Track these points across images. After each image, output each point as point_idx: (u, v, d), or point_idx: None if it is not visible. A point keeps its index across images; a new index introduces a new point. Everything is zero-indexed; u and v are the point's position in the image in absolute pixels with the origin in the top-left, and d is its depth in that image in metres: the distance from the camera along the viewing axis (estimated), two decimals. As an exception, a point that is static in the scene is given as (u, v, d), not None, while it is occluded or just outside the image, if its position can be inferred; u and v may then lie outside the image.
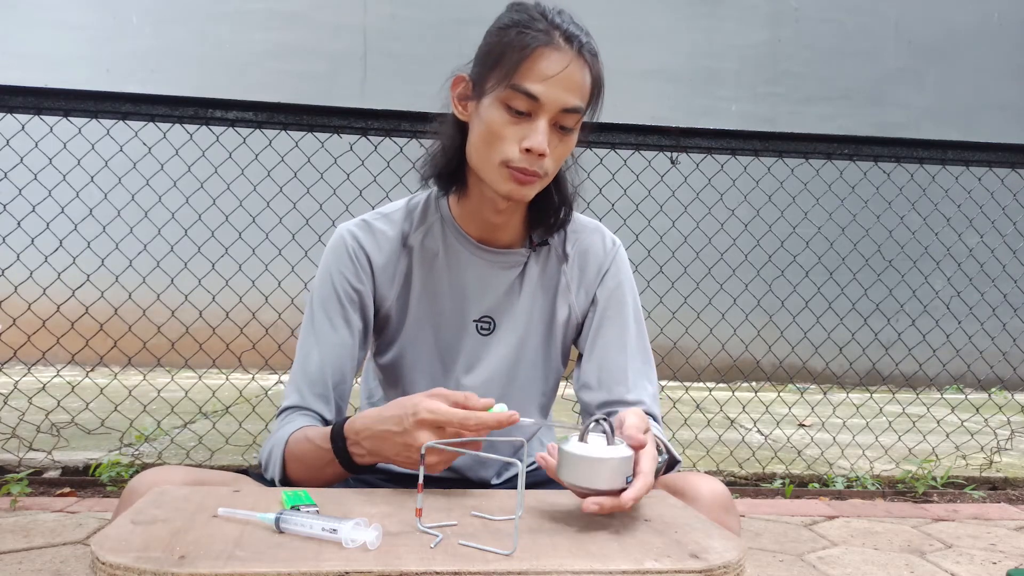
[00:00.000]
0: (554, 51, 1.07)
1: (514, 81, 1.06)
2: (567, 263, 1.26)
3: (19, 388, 2.80)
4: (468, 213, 1.21)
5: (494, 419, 0.92)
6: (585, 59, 1.09)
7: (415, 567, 0.70)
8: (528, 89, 1.06)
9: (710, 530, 0.85)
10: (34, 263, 2.70)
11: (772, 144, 2.97)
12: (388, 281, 1.22)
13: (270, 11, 6.22)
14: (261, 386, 3.44)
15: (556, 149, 1.10)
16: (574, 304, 1.26)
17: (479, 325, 1.23)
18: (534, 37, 1.07)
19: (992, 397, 3.94)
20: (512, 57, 1.07)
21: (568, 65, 1.07)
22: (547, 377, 1.28)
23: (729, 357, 4.54)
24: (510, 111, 1.08)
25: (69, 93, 2.58)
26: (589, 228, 1.29)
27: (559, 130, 1.10)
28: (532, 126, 1.08)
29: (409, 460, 0.95)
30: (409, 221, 1.24)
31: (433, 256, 1.22)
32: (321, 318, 1.19)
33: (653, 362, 1.27)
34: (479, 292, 1.22)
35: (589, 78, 1.11)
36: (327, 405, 1.17)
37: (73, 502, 2.41)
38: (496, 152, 1.09)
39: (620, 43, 6.37)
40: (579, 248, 1.27)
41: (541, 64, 1.06)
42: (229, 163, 3.01)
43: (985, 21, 6.73)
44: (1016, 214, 3.70)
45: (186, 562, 0.70)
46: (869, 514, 2.59)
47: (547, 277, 1.26)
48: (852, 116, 6.41)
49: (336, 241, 1.21)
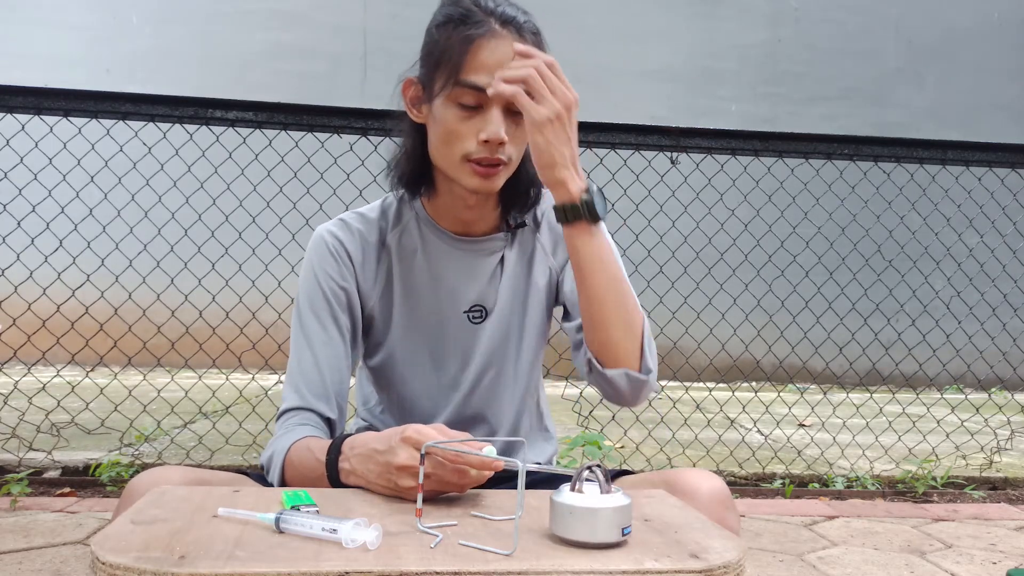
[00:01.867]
0: (492, 39, 1.07)
1: (459, 78, 1.07)
2: (539, 231, 1.27)
3: (19, 388, 2.80)
4: (441, 210, 1.22)
5: (478, 460, 0.88)
6: (526, 40, 1.09)
7: (415, 567, 0.70)
8: (474, 83, 1.07)
9: (710, 530, 0.85)
10: (34, 263, 2.70)
11: (772, 144, 2.97)
12: (370, 280, 1.22)
13: (270, 11, 6.22)
14: (261, 386, 3.44)
15: (515, 134, 1.11)
16: (552, 264, 1.27)
17: (471, 315, 1.23)
18: (471, 29, 1.07)
19: (992, 397, 3.94)
20: (453, 54, 1.08)
21: (508, 50, 1.07)
22: (538, 348, 1.29)
23: (729, 357, 4.54)
24: (462, 107, 1.08)
25: (69, 93, 2.58)
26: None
27: (514, 115, 1.10)
28: (486, 117, 1.08)
29: (388, 484, 0.93)
30: (385, 220, 1.25)
31: (412, 254, 1.23)
32: (310, 319, 1.19)
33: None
34: (465, 283, 1.23)
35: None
36: (328, 403, 1.16)
37: (73, 502, 2.41)
38: (456, 149, 1.10)
39: (620, 43, 6.37)
40: (548, 213, 1.28)
41: (481, 55, 1.06)
42: (229, 163, 3.01)
43: (985, 21, 6.73)
44: (1016, 214, 3.70)
45: (186, 562, 0.70)
46: (869, 514, 2.59)
47: (524, 251, 1.27)
48: (852, 116, 6.41)
49: (316, 241, 1.22)
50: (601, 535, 0.78)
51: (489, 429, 1.26)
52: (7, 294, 2.75)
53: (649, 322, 1.20)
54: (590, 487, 0.80)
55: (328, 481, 1.01)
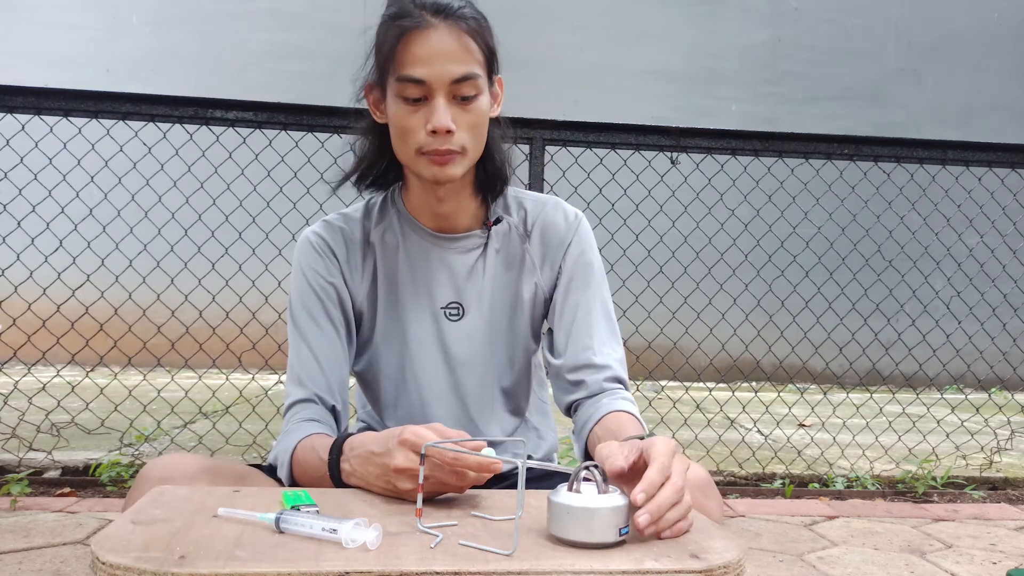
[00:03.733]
0: (424, 30, 1.09)
1: (398, 73, 1.10)
2: (529, 241, 1.27)
3: (19, 388, 2.79)
4: (417, 205, 1.24)
5: (475, 461, 0.87)
6: (461, 25, 1.11)
7: (415, 567, 0.70)
8: (411, 75, 1.09)
9: (710, 530, 0.85)
10: (34, 263, 2.70)
11: (772, 144, 2.97)
12: (357, 277, 1.23)
13: (270, 11, 6.22)
14: (261, 386, 3.44)
15: (465, 119, 1.12)
16: (540, 281, 1.27)
17: (447, 312, 1.24)
18: (404, 23, 1.10)
19: (992, 397, 3.94)
20: (389, 51, 1.11)
21: (442, 38, 1.09)
22: (515, 356, 1.28)
23: (729, 357, 4.54)
24: (406, 101, 1.11)
25: (69, 93, 2.58)
26: (549, 204, 1.30)
27: (461, 101, 1.11)
28: (430, 108, 1.10)
29: (387, 485, 0.93)
30: (369, 218, 1.26)
31: (394, 250, 1.24)
32: (303, 317, 1.20)
33: (618, 331, 1.28)
34: (442, 279, 1.23)
35: (473, 41, 1.12)
36: (331, 393, 1.18)
37: (73, 502, 2.41)
38: (410, 143, 1.13)
39: (620, 43, 6.37)
40: (540, 224, 1.27)
41: (414, 48, 1.09)
42: (229, 163, 3.01)
43: (985, 21, 6.73)
44: (1016, 214, 3.70)
45: (186, 562, 0.70)
46: (869, 514, 2.59)
47: (509, 256, 1.26)
48: (852, 116, 6.41)
49: (303, 243, 1.25)
50: (597, 535, 0.77)
51: (473, 429, 1.25)
52: (7, 294, 2.75)
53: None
54: (587, 487, 0.80)
55: (331, 481, 1.02)
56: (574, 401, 1.23)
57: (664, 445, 0.87)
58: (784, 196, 3.39)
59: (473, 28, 1.12)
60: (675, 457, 0.86)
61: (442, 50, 1.08)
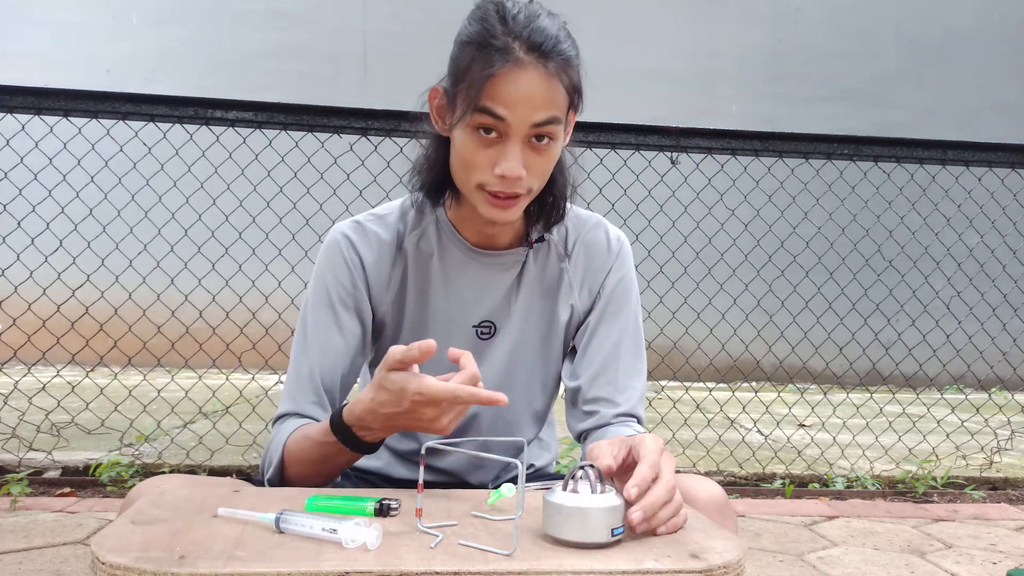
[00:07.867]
0: (515, 68, 1.01)
1: (480, 104, 1.02)
2: (569, 260, 1.23)
3: (19, 388, 2.79)
4: (464, 218, 1.19)
5: (486, 396, 0.93)
6: (551, 69, 1.03)
7: (415, 567, 0.70)
8: (492, 110, 1.02)
9: (710, 530, 0.85)
10: (34, 263, 2.70)
11: (772, 144, 2.97)
12: (383, 285, 1.19)
13: (270, 11, 6.22)
14: (261, 386, 3.44)
15: (535, 163, 1.06)
16: (577, 304, 1.24)
17: (479, 330, 1.20)
18: (494, 55, 1.02)
19: (992, 397, 3.94)
20: (474, 79, 1.02)
21: (532, 82, 1.02)
22: (546, 380, 1.27)
23: (729, 357, 4.54)
24: (481, 133, 1.04)
25: (69, 93, 2.58)
26: (591, 223, 1.26)
27: (535, 143, 1.05)
28: (503, 150, 1.04)
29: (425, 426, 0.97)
30: (404, 223, 1.21)
31: (428, 259, 1.20)
32: (313, 324, 1.18)
33: (644, 358, 1.26)
34: (478, 296, 1.20)
35: (561, 83, 1.05)
36: (323, 411, 1.15)
37: (73, 502, 2.41)
38: (472, 177, 1.07)
39: (620, 43, 6.36)
40: (582, 244, 1.24)
41: (503, 86, 1.01)
42: (229, 163, 3.01)
43: (985, 21, 6.72)
44: (1016, 214, 3.70)
45: (186, 562, 0.70)
46: (869, 514, 2.59)
47: (547, 276, 1.23)
48: (852, 116, 6.40)
49: (330, 244, 1.19)
50: (590, 535, 0.78)
51: (490, 449, 1.25)
52: (7, 294, 2.75)
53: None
54: (584, 487, 0.80)
55: (353, 452, 1.03)
56: (585, 431, 1.22)
57: (653, 443, 0.90)
58: (784, 196, 3.39)
59: (563, 68, 1.05)
60: (663, 455, 0.90)
61: (529, 95, 1.02)
